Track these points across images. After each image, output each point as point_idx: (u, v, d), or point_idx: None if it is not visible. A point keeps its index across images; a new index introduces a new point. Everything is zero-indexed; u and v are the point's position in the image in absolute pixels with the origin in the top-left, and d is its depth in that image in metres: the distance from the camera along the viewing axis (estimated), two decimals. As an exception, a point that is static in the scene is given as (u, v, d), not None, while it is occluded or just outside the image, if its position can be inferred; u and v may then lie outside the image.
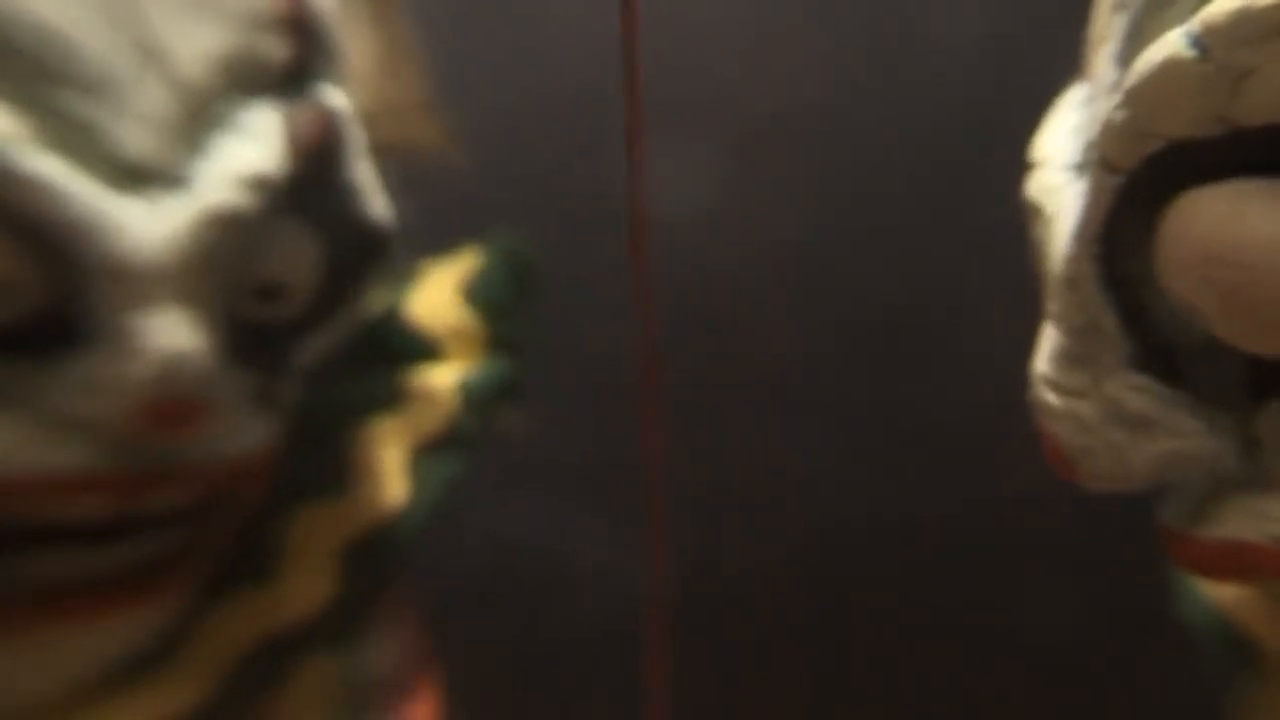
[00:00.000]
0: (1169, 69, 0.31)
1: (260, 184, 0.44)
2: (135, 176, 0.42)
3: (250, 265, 0.45)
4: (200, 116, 0.44)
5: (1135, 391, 0.35)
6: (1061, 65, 0.41)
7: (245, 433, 0.46)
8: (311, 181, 0.46)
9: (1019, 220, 0.40)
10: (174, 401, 0.42)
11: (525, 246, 0.60)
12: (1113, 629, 0.68)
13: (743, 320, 0.77)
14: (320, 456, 0.52)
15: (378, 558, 0.52)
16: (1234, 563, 0.35)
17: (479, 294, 0.58)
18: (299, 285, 0.47)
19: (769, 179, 0.79)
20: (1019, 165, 0.41)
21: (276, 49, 0.46)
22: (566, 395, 0.68)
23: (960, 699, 0.70)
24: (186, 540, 0.47)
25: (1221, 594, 0.44)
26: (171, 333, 0.42)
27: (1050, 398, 0.37)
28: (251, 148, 0.44)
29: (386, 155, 0.51)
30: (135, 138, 0.42)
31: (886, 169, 0.79)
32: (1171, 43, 0.31)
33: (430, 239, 0.59)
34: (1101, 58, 0.36)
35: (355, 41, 0.52)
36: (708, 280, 0.78)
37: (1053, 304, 0.37)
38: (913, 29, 0.80)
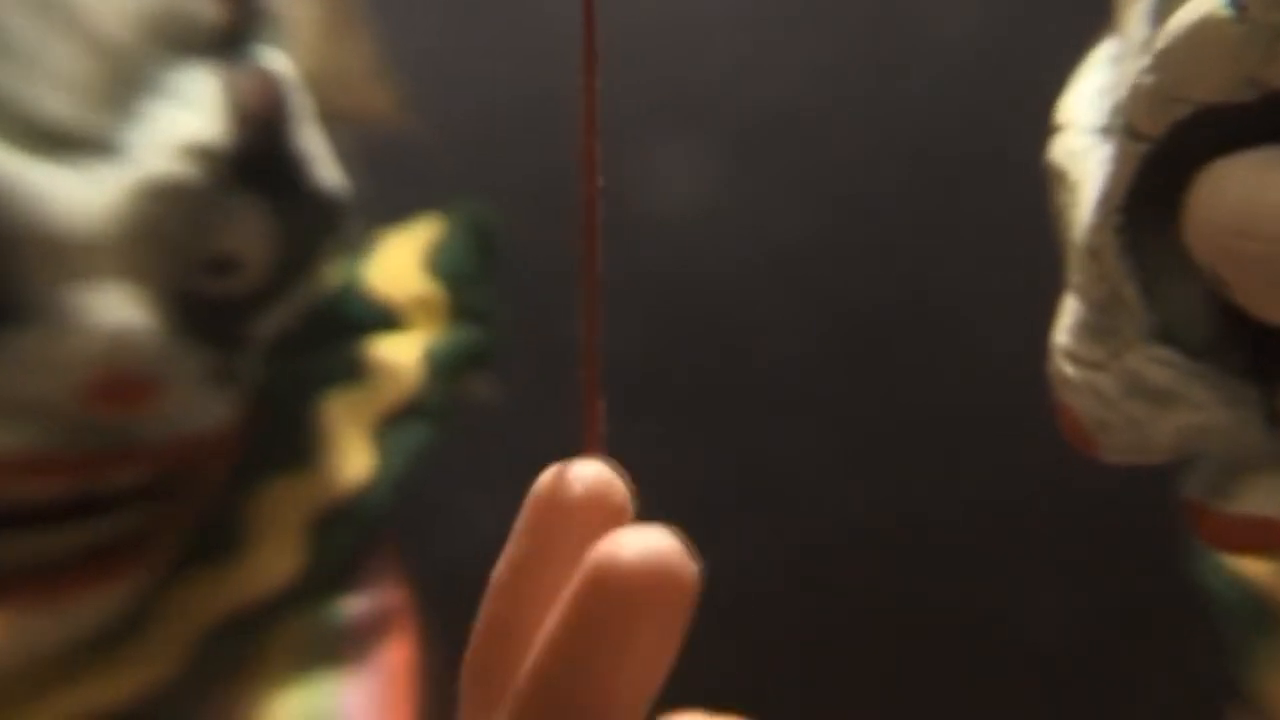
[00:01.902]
0: (1203, 29, 0.31)
1: (203, 153, 0.43)
2: (58, 142, 0.40)
3: (199, 238, 0.44)
4: (127, 79, 0.42)
5: (1156, 364, 0.35)
6: (1061, 65, 0.41)
7: (203, 409, 0.45)
8: (259, 150, 0.45)
9: (1018, 220, 0.40)
10: (122, 378, 0.41)
11: (488, 214, 0.59)
12: (1113, 630, 0.68)
13: (741, 320, 0.77)
14: (283, 430, 0.51)
15: (345, 529, 0.51)
16: (1257, 538, 0.34)
17: (442, 263, 0.57)
18: (252, 258, 0.46)
19: (768, 179, 0.79)
20: (1019, 165, 0.40)
21: (208, 8, 0.44)
22: (554, 388, 0.67)
23: (959, 699, 0.70)
24: (148, 518, 0.46)
25: (1245, 563, 0.44)
26: (114, 308, 0.41)
27: (1069, 370, 0.37)
28: (191, 115, 0.43)
29: (335, 123, 0.50)
30: (52, 101, 0.40)
31: (886, 169, 0.78)
32: (1207, 2, 0.31)
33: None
34: (1134, 13, 0.36)
35: (299, 6, 0.51)
36: (707, 280, 0.78)
37: (1074, 274, 0.37)
38: (912, 29, 0.80)
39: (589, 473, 0.23)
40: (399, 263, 0.57)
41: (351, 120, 0.53)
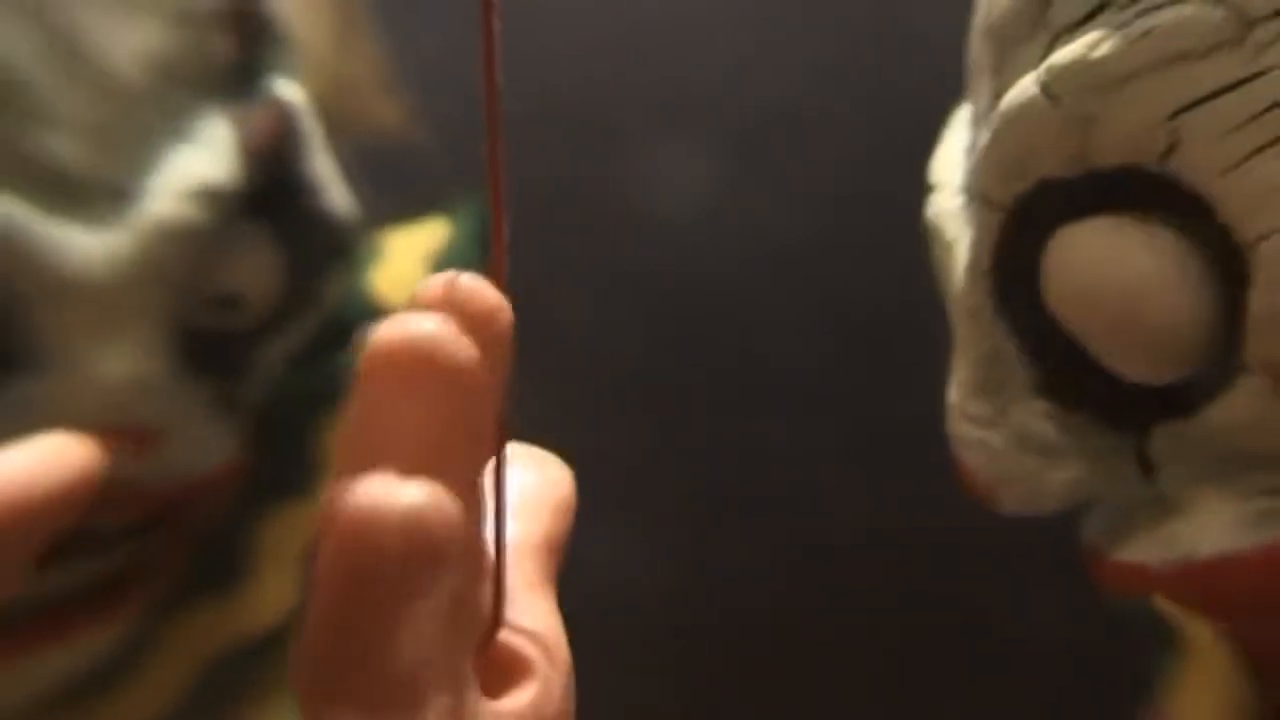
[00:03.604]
0: (1027, 113, 0.32)
1: (212, 195, 0.42)
2: (70, 190, 0.39)
3: (205, 277, 0.43)
4: (140, 123, 0.41)
5: (1040, 418, 0.36)
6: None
7: (204, 448, 0.45)
8: (267, 185, 0.44)
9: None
10: (124, 430, 0.40)
11: (481, 213, 0.58)
12: (1112, 633, 0.68)
13: (741, 320, 0.78)
14: (286, 456, 0.50)
15: None
16: (1138, 584, 0.35)
17: (447, 267, 0.56)
18: (258, 292, 0.45)
19: (769, 179, 0.79)
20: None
21: (220, 46, 0.43)
22: (539, 385, 0.68)
23: (959, 699, 0.70)
24: (144, 555, 0.45)
25: None
26: (119, 359, 0.40)
27: (963, 428, 0.38)
28: (201, 157, 0.42)
29: (342, 134, 0.49)
30: (63, 148, 0.39)
31: (886, 169, 0.78)
32: (1026, 88, 0.31)
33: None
34: (980, 84, 0.37)
35: (307, 18, 0.50)
36: (707, 280, 0.78)
37: (958, 332, 0.38)
38: (913, 29, 0.79)
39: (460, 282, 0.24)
40: (404, 268, 0.56)
41: (359, 130, 0.52)
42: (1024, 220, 0.34)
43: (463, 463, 0.22)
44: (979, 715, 0.69)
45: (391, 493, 0.21)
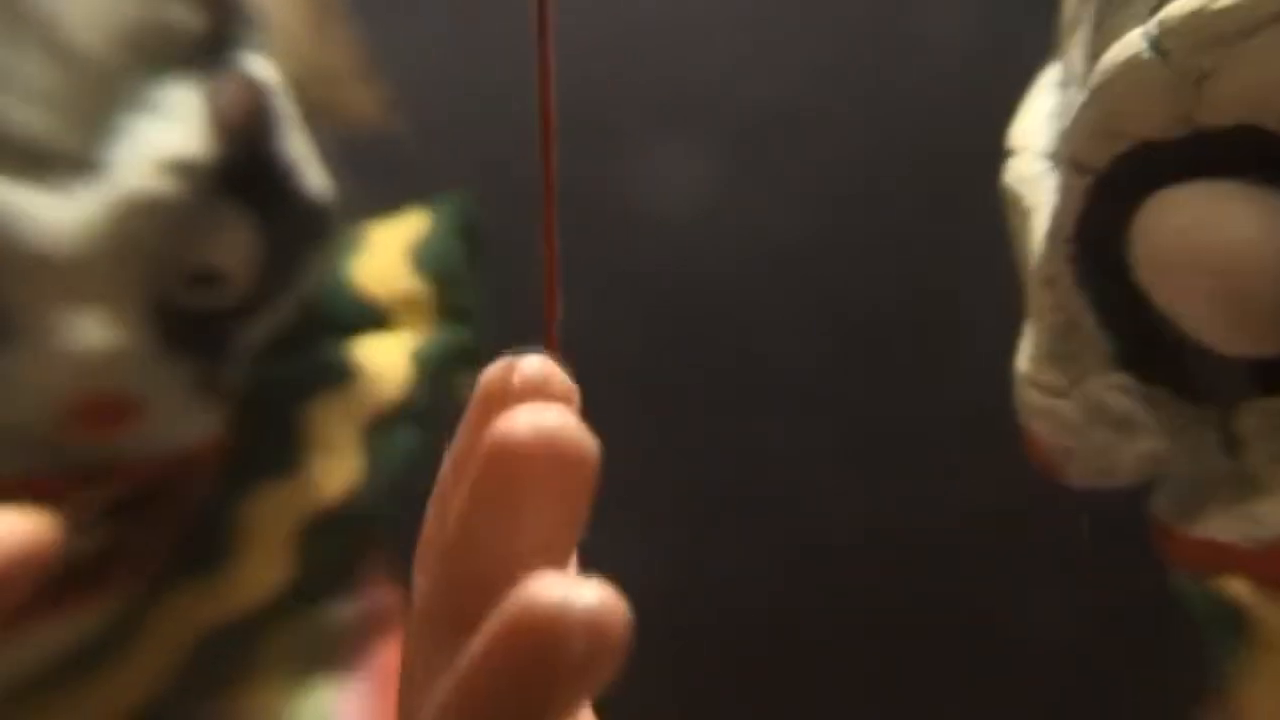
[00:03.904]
0: (1130, 71, 0.31)
1: (185, 168, 0.42)
2: (35, 161, 0.39)
3: (181, 252, 0.43)
4: (106, 94, 0.41)
5: (1116, 391, 0.35)
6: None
7: (185, 423, 0.45)
8: (242, 160, 0.43)
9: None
10: (103, 400, 0.40)
11: (473, 209, 0.57)
12: (1112, 635, 0.68)
13: (741, 320, 0.77)
14: (270, 437, 0.50)
15: (334, 536, 0.50)
16: (1216, 562, 0.34)
17: (429, 260, 0.56)
18: (236, 270, 0.45)
19: (768, 179, 0.79)
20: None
21: (189, 18, 0.43)
22: None
23: (960, 699, 0.70)
24: (131, 532, 0.45)
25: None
26: (95, 329, 0.40)
27: (1033, 396, 0.37)
28: (172, 129, 0.42)
29: (319, 122, 0.49)
30: (29, 118, 0.39)
31: (886, 169, 0.78)
32: (1132, 44, 0.31)
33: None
34: (1074, 42, 0.36)
35: (280, 5, 0.49)
36: (707, 280, 0.78)
37: (1032, 301, 0.37)
38: (911, 29, 0.79)
39: (529, 364, 0.24)
40: (385, 259, 0.56)
41: (335, 119, 0.52)
42: (1115, 185, 0.33)
43: (573, 544, 0.23)
44: (978, 715, 0.69)
45: (572, 595, 0.20)
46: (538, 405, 0.22)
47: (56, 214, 0.39)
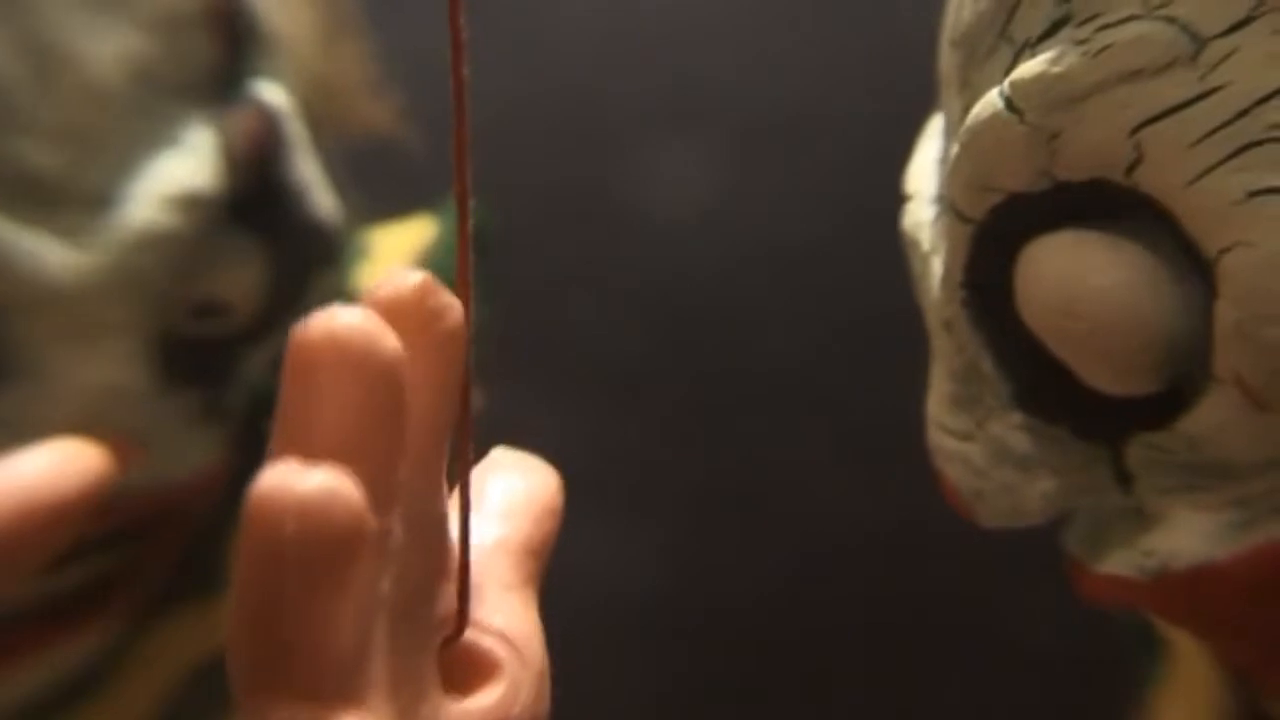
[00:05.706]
0: (992, 128, 0.31)
1: (194, 202, 0.41)
2: (47, 198, 0.39)
3: (188, 285, 0.42)
4: (119, 129, 0.40)
5: (1018, 431, 0.36)
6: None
7: (186, 455, 0.44)
8: (251, 191, 0.43)
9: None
10: (105, 438, 0.38)
11: (481, 214, 0.58)
12: (1113, 630, 0.68)
13: (741, 320, 0.78)
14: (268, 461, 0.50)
15: None
16: (1118, 596, 0.35)
17: (435, 267, 0.56)
18: (242, 298, 0.44)
19: (769, 180, 0.79)
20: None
21: (202, 50, 0.43)
22: (541, 387, 0.68)
23: (960, 700, 0.70)
24: (127, 563, 0.45)
25: None
26: (97, 367, 0.40)
27: (942, 440, 0.38)
28: (183, 163, 0.41)
29: (329, 133, 0.48)
30: (40, 155, 0.39)
31: (887, 170, 0.78)
32: (991, 102, 0.31)
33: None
34: (949, 94, 0.36)
35: (293, 17, 0.49)
36: (707, 280, 0.78)
37: (934, 344, 0.37)
38: (912, 29, 0.79)
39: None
40: (391, 267, 0.53)
41: (346, 130, 0.52)
42: (995, 233, 0.34)
43: (381, 456, 0.23)
44: (978, 715, 0.70)
45: (291, 479, 0.21)
46: (344, 309, 0.23)
47: (64, 252, 0.39)
